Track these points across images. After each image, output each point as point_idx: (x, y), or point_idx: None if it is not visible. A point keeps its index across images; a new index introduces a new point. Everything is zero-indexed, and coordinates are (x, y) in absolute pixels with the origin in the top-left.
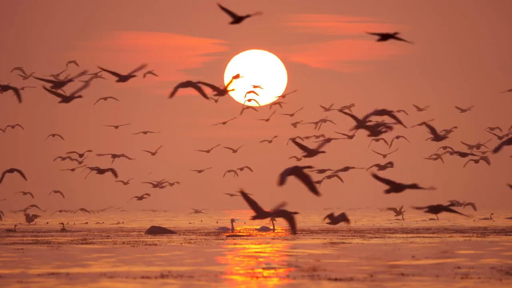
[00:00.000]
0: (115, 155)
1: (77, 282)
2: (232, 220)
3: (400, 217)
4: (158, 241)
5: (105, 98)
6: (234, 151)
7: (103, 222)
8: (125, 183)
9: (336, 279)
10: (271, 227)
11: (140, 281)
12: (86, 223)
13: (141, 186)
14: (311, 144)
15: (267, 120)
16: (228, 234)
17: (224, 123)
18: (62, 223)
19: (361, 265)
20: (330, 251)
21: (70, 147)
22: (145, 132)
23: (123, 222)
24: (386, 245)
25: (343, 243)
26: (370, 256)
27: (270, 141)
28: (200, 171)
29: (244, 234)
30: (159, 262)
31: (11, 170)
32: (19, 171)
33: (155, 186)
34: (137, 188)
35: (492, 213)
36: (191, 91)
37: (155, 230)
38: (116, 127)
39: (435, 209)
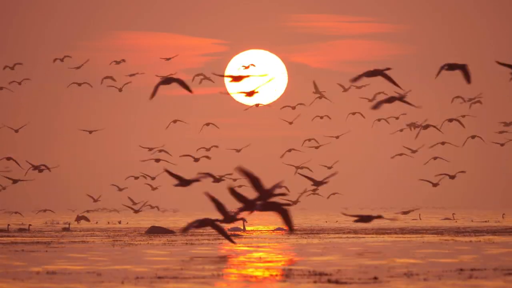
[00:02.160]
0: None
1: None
2: (244, 220)
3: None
4: (157, 241)
5: (120, 89)
6: (317, 147)
7: (119, 222)
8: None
9: (337, 282)
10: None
11: (135, 282)
12: (96, 222)
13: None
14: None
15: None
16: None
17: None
18: (68, 223)
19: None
20: (332, 252)
21: (70, 146)
22: (207, 124)
23: (127, 222)
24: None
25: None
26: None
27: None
28: (299, 167)
29: (245, 234)
30: (155, 263)
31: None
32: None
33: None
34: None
35: (503, 213)
36: (192, 90)
37: (155, 230)
38: (174, 122)
39: (364, 219)
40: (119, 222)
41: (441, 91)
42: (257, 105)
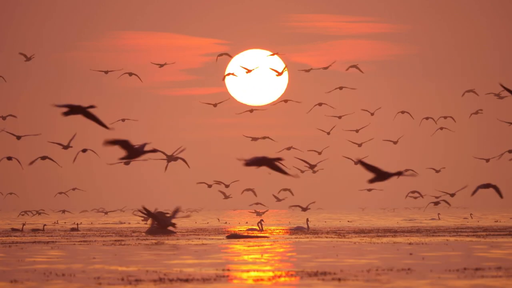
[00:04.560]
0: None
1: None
2: (261, 221)
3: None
4: (156, 242)
5: (130, 74)
6: (395, 142)
7: (129, 222)
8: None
9: (340, 279)
10: (306, 227)
11: (135, 284)
12: (108, 222)
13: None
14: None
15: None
16: (228, 235)
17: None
18: (77, 223)
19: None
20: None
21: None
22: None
23: (129, 223)
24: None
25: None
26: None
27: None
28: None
29: (247, 234)
30: (155, 264)
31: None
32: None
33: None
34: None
35: None
36: (191, 91)
37: (155, 231)
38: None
39: None
40: (121, 222)
41: (443, 90)
42: (251, 110)
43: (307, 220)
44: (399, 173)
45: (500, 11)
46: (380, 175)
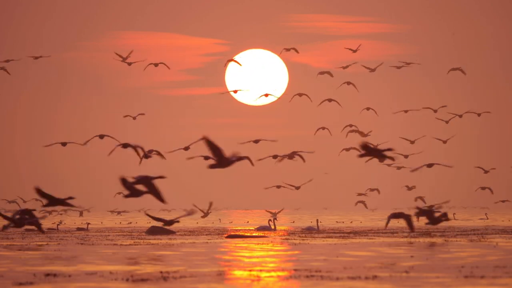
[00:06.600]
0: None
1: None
2: (274, 219)
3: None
4: (158, 242)
5: (156, 64)
6: (444, 141)
7: (136, 222)
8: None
9: (337, 279)
10: (316, 227)
11: (139, 284)
12: (120, 222)
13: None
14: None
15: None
16: (227, 235)
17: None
18: (88, 223)
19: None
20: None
21: (73, 146)
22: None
23: (135, 223)
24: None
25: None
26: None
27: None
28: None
29: (247, 234)
30: (157, 264)
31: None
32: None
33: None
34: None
35: None
36: (191, 91)
37: (155, 230)
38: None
39: None
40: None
41: (443, 90)
42: (266, 95)
43: (317, 220)
44: (242, 158)
45: (500, 11)
46: (222, 161)
